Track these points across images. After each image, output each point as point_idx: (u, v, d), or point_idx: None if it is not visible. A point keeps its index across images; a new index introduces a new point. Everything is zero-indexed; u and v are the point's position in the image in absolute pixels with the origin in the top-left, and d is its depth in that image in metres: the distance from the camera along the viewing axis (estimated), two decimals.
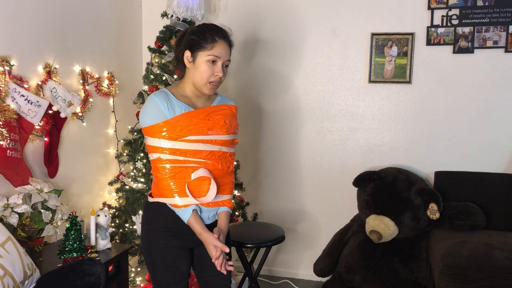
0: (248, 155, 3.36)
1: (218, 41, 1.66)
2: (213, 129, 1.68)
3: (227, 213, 1.77)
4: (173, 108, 1.64)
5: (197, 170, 1.66)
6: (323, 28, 3.15)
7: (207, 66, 1.66)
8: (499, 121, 2.90)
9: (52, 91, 2.42)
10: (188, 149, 1.64)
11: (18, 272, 1.78)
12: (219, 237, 1.66)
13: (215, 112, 1.71)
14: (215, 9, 3.29)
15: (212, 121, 1.68)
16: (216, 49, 1.66)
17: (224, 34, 1.71)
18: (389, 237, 2.65)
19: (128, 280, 2.52)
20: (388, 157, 3.11)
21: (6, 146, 2.12)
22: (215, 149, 1.69)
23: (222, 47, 1.68)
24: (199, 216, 1.68)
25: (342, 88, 3.16)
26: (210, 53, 1.65)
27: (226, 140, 1.72)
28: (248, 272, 2.62)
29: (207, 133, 1.67)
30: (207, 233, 1.66)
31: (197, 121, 1.65)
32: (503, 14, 2.81)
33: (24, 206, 2.04)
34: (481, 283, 2.21)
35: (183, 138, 1.63)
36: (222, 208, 1.76)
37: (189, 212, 1.66)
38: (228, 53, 1.71)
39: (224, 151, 1.72)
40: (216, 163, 1.70)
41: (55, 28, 2.52)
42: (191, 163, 1.65)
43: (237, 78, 3.35)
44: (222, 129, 1.70)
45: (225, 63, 1.71)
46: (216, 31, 1.69)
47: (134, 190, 2.75)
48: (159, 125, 1.63)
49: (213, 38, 1.66)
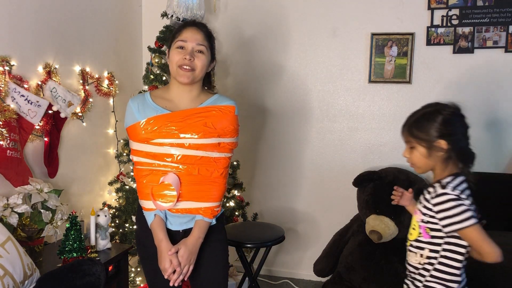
0: (248, 155, 3.36)
1: (184, 29, 1.65)
2: (186, 132, 1.59)
3: (202, 222, 1.63)
4: (145, 110, 1.62)
5: (167, 174, 1.60)
6: (323, 28, 3.15)
7: (175, 52, 1.63)
8: (499, 121, 2.90)
9: (52, 91, 2.42)
10: (156, 152, 1.60)
11: (18, 272, 1.78)
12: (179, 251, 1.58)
13: (196, 114, 1.62)
14: (215, 9, 3.29)
15: (188, 124, 1.60)
16: (182, 35, 1.64)
17: (193, 22, 1.69)
18: (389, 237, 2.65)
19: (128, 280, 2.52)
20: (388, 157, 3.11)
21: (6, 146, 2.12)
22: (189, 153, 1.59)
23: (189, 31, 1.64)
24: (163, 222, 1.62)
25: (342, 88, 3.16)
26: (177, 39, 1.64)
27: (205, 144, 1.60)
28: (248, 272, 2.62)
29: (178, 137, 1.59)
30: (166, 243, 1.59)
31: (169, 123, 1.59)
32: (503, 14, 2.81)
33: (24, 206, 2.04)
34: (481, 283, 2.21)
35: (151, 141, 1.60)
36: (198, 216, 1.64)
37: (151, 216, 1.62)
38: (198, 37, 1.63)
39: (204, 156, 1.61)
40: (191, 168, 1.60)
41: (55, 28, 2.52)
42: (160, 166, 1.61)
43: (237, 77, 3.35)
44: (198, 133, 1.59)
45: (196, 48, 1.62)
46: (186, 23, 1.69)
47: (134, 190, 2.75)
48: (132, 128, 1.63)
49: (180, 29, 1.66)
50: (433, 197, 1.46)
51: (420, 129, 1.47)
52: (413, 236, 1.56)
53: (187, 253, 1.60)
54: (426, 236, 1.50)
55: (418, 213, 1.54)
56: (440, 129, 1.46)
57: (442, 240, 1.48)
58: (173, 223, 1.66)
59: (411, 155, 1.53)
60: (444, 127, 1.47)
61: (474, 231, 1.41)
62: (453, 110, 1.51)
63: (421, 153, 1.49)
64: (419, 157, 1.50)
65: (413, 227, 1.57)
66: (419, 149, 1.50)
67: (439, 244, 1.49)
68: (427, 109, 1.51)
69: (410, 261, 1.58)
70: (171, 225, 1.65)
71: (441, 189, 1.45)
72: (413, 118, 1.52)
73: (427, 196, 1.52)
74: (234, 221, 2.97)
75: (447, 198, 1.43)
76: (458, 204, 1.42)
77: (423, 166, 1.52)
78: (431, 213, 1.48)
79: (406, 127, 1.52)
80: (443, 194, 1.44)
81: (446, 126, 1.47)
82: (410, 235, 1.59)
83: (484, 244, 1.40)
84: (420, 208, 1.53)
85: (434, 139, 1.47)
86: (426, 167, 1.52)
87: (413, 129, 1.49)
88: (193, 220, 1.66)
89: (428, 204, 1.49)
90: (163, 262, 1.59)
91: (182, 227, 1.66)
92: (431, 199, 1.48)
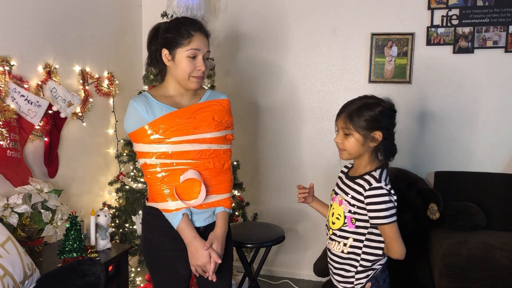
0: (248, 155, 3.36)
1: (194, 34, 1.60)
2: (200, 127, 1.61)
3: (225, 213, 1.69)
4: (153, 110, 1.59)
5: (185, 172, 1.59)
6: (323, 28, 3.15)
7: (188, 62, 1.59)
8: (499, 121, 2.90)
9: (52, 91, 2.42)
10: (174, 151, 1.58)
11: (18, 272, 1.78)
12: (213, 245, 1.61)
13: (201, 109, 1.64)
14: (215, 9, 3.29)
15: (198, 119, 1.61)
16: (194, 43, 1.59)
17: (200, 26, 1.64)
18: None
19: (128, 280, 2.52)
20: None
21: (6, 146, 2.12)
22: (203, 148, 1.62)
23: (200, 40, 1.61)
24: (190, 221, 1.62)
25: (342, 88, 3.16)
26: (189, 48, 1.59)
27: (216, 137, 1.64)
28: (248, 272, 2.62)
29: (193, 132, 1.60)
30: (200, 239, 1.59)
31: (180, 121, 1.58)
32: (503, 14, 2.81)
33: (24, 206, 2.04)
34: (481, 283, 2.21)
35: (167, 140, 1.57)
36: (219, 208, 1.68)
37: (179, 216, 1.59)
38: (207, 44, 1.64)
39: (216, 149, 1.65)
40: (207, 162, 1.63)
41: (55, 28, 2.52)
42: (178, 165, 1.59)
43: (237, 77, 3.35)
44: (209, 127, 1.62)
45: (205, 56, 1.63)
46: (190, 24, 1.62)
47: (134, 190, 2.75)
48: (140, 130, 1.59)
49: (189, 33, 1.59)
50: (367, 189, 1.51)
51: (361, 117, 1.52)
52: (337, 225, 1.60)
53: (220, 245, 1.63)
54: (351, 226, 1.56)
55: (344, 203, 1.58)
56: (379, 120, 1.53)
57: (366, 230, 1.55)
58: (196, 220, 1.66)
59: (344, 141, 1.56)
60: (383, 119, 1.53)
61: (392, 228, 1.51)
62: (390, 104, 1.57)
63: (357, 140, 1.54)
64: (354, 144, 1.54)
65: (337, 216, 1.60)
66: (356, 136, 1.53)
67: (363, 234, 1.56)
68: (368, 100, 1.56)
69: (332, 250, 1.62)
70: (195, 222, 1.65)
71: (377, 183, 1.51)
72: (353, 106, 1.55)
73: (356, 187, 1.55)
74: (234, 221, 2.97)
75: (381, 192, 1.50)
76: (388, 199, 1.50)
77: (354, 153, 1.56)
78: (360, 204, 1.53)
79: (347, 114, 1.54)
80: (379, 188, 1.50)
81: (384, 119, 1.54)
82: (333, 224, 1.62)
83: (396, 242, 1.52)
84: (347, 199, 1.57)
85: (372, 129, 1.52)
86: (356, 154, 1.57)
87: (354, 117, 1.52)
88: (213, 215, 1.69)
89: (359, 196, 1.54)
90: (201, 258, 1.58)
91: (204, 223, 1.68)
92: (364, 191, 1.52)
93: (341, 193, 1.62)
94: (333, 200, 1.65)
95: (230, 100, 1.76)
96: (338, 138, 1.59)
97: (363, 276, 1.58)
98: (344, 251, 1.58)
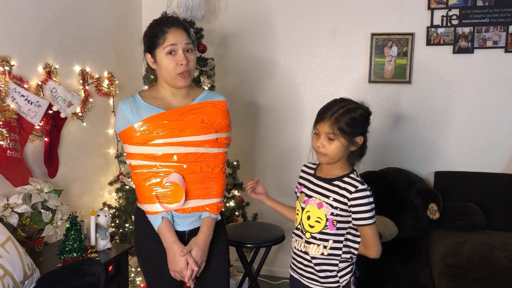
0: (248, 155, 3.36)
1: (168, 31, 1.57)
2: (186, 129, 1.57)
3: (210, 219, 1.64)
4: (138, 112, 1.57)
5: (169, 175, 1.57)
6: (323, 28, 3.15)
7: (168, 60, 1.57)
8: (499, 121, 2.90)
9: (52, 91, 2.42)
10: (157, 154, 1.56)
11: (18, 272, 1.77)
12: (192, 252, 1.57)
13: (191, 111, 1.60)
14: (215, 9, 3.29)
15: (185, 121, 1.58)
16: (168, 39, 1.56)
17: (173, 21, 1.60)
18: (389, 237, 2.65)
19: (128, 280, 2.52)
20: (388, 157, 3.11)
21: (6, 146, 2.12)
22: (190, 151, 1.58)
23: (175, 34, 1.57)
24: (171, 223, 1.60)
25: (342, 88, 3.16)
26: (165, 45, 1.56)
27: (205, 140, 1.60)
28: (248, 272, 2.62)
29: (179, 135, 1.56)
30: (179, 244, 1.57)
31: (166, 123, 1.56)
32: (503, 14, 2.81)
33: (24, 206, 2.04)
34: (481, 283, 2.21)
35: (151, 142, 1.56)
36: (205, 214, 1.64)
37: (159, 219, 1.58)
38: (185, 37, 1.58)
39: (204, 152, 1.60)
40: (193, 166, 1.59)
41: (55, 28, 2.52)
42: (162, 167, 1.57)
43: (237, 77, 3.35)
44: (197, 129, 1.58)
45: (185, 48, 1.58)
46: (162, 22, 1.60)
47: (134, 190, 2.75)
48: (126, 131, 1.58)
49: (162, 31, 1.57)
50: (353, 192, 1.53)
51: (347, 123, 1.52)
52: (317, 228, 1.59)
53: (200, 252, 1.59)
54: (332, 228, 1.57)
55: (324, 206, 1.58)
56: (363, 125, 1.56)
57: (345, 231, 1.58)
58: (180, 223, 1.64)
59: (327, 146, 1.56)
60: (365, 124, 1.57)
61: (373, 228, 1.55)
62: (367, 107, 1.59)
63: (342, 144, 1.54)
64: (338, 148, 1.55)
65: (317, 220, 1.59)
66: (341, 141, 1.54)
67: (342, 234, 1.59)
68: (349, 105, 1.56)
69: (310, 253, 1.61)
70: (178, 226, 1.63)
71: (362, 185, 1.54)
72: (336, 111, 1.54)
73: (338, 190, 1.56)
74: (234, 221, 2.97)
75: (366, 194, 1.53)
76: (371, 201, 1.54)
77: (336, 158, 1.57)
78: (343, 206, 1.55)
79: (333, 119, 1.54)
80: (364, 190, 1.53)
81: (365, 124, 1.57)
82: (312, 227, 1.61)
83: (375, 242, 1.55)
84: (329, 202, 1.57)
85: (356, 134, 1.54)
86: (338, 159, 1.58)
87: (341, 122, 1.53)
88: (199, 219, 1.65)
89: (343, 198, 1.55)
90: (179, 264, 1.56)
91: (189, 227, 1.65)
92: (349, 194, 1.53)
93: (318, 196, 1.60)
94: (306, 203, 1.63)
95: (229, 100, 1.73)
96: (321, 142, 1.58)
97: (346, 272, 1.61)
98: (324, 253, 1.58)
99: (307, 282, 1.64)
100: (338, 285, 1.60)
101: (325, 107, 1.59)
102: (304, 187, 1.67)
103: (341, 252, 1.59)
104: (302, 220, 1.64)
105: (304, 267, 1.64)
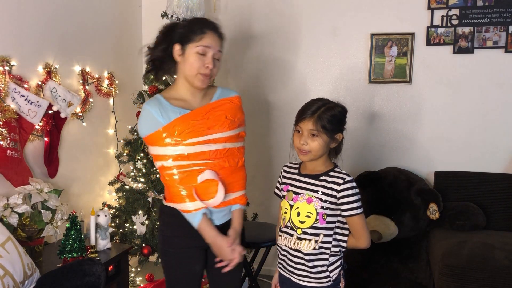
0: (248, 155, 3.32)
1: (207, 32, 1.63)
2: (213, 127, 1.64)
3: (241, 210, 1.75)
4: (167, 113, 1.61)
5: (202, 172, 1.63)
6: (323, 28, 3.15)
7: (196, 57, 1.62)
8: (499, 121, 2.90)
9: (52, 91, 2.42)
10: (190, 153, 1.61)
11: (18, 272, 1.78)
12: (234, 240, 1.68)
13: (214, 109, 1.67)
14: (215, 9, 3.29)
15: (211, 119, 1.65)
16: (204, 40, 1.62)
17: (213, 26, 1.67)
18: (389, 237, 2.65)
19: (128, 280, 2.52)
20: (388, 157, 3.11)
21: (6, 146, 2.12)
22: (218, 147, 1.65)
23: (211, 38, 1.64)
24: (210, 220, 1.66)
25: (342, 88, 3.16)
26: (199, 44, 1.62)
27: (230, 136, 1.68)
28: (248, 272, 2.62)
29: (208, 133, 1.63)
30: (221, 238, 1.65)
31: (195, 122, 1.62)
32: (503, 14, 2.81)
33: (24, 206, 2.04)
34: (481, 283, 2.21)
35: (183, 142, 1.60)
36: (235, 206, 1.74)
37: (198, 216, 1.63)
38: (218, 44, 1.67)
39: (230, 148, 1.68)
40: (222, 161, 1.66)
41: (55, 28, 2.52)
42: (195, 166, 1.62)
43: (237, 77, 3.35)
44: (223, 126, 1.66)
45: (215, 55, 1.66)
46: (204, 23, 1.66)
47: (134, 190, 2.75)
48: (156, 134, 1.61)
49: (201, 30, 1.63)
50: (341, 184, 1.58)
51: (329, 120, 1.58)
52: (308, 223, 1.62)
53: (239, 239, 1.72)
54: (323, 222, 1.61)
55: (314, 200, 1.61)
56: (342, 122, 1.64)
57: (334, 225, 1.64)
58: (215, 219, 1.69)
59: (310, 143, 1.60)
60: (344, 122, 1.65)
61: (362, 218, 1.60)
62: (343, 106, 1.66)
63: (325, 141, 1.59)
64: (321, 145, 1.59)
65: (308, 214, 1.62)
66: (323, 138, 1.59)
67: (331, 228, 1.63)
68: (329, 103, 1.62)
69: (302, 249, 1.63)
70: (214, 221, 1.69)
71: (348, 177, 1.60)
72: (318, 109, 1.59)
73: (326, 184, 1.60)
74: None
75: (353, 185, 1.60)
76: (357, 192, 1.60)
77: (318, 154, 1.62)
78: (332, 199, 1.60)
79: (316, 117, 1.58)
80: (350, 181, 1.60)
81: (343, 121, 1.65)
82: (302, 223, 1.63)
83: (365, 231, 1.61)
84: (318, 196, 1.61)
85: (337, 131, 1.62)
86: (320, 155, 1.62)
87: (324, 119, 1.57)
88: (229, 212, 1.74)
89: (332, 191, 1.59)
90: (228, 254, 1.65)
91: (221, 221, 1.71)
92: (338, 186, 1.58)
93: (306, 191, 1.64)
94: (295, 200, 1.66)
95: None
96: (304, 139, 1.60)
97: (336, 266, 1.65)
98: (315, 248, 1.61)
99: (298, 279, 1.66)
100: (329, 279, 1.64)
101: (305, 106, 1.64)
102: (290, 186, 1.71)
103: (331, 246, 1.63)
104: (291, 217, 1.66)
105: (295, 265, 1.66)
